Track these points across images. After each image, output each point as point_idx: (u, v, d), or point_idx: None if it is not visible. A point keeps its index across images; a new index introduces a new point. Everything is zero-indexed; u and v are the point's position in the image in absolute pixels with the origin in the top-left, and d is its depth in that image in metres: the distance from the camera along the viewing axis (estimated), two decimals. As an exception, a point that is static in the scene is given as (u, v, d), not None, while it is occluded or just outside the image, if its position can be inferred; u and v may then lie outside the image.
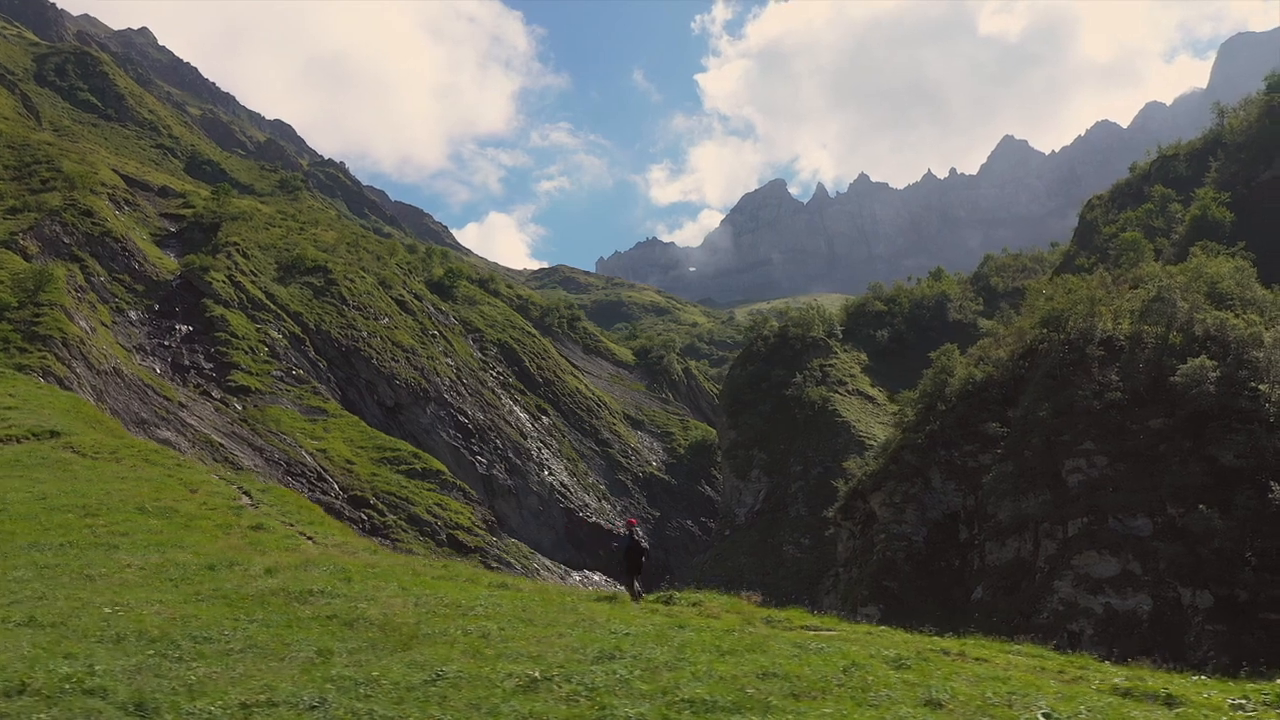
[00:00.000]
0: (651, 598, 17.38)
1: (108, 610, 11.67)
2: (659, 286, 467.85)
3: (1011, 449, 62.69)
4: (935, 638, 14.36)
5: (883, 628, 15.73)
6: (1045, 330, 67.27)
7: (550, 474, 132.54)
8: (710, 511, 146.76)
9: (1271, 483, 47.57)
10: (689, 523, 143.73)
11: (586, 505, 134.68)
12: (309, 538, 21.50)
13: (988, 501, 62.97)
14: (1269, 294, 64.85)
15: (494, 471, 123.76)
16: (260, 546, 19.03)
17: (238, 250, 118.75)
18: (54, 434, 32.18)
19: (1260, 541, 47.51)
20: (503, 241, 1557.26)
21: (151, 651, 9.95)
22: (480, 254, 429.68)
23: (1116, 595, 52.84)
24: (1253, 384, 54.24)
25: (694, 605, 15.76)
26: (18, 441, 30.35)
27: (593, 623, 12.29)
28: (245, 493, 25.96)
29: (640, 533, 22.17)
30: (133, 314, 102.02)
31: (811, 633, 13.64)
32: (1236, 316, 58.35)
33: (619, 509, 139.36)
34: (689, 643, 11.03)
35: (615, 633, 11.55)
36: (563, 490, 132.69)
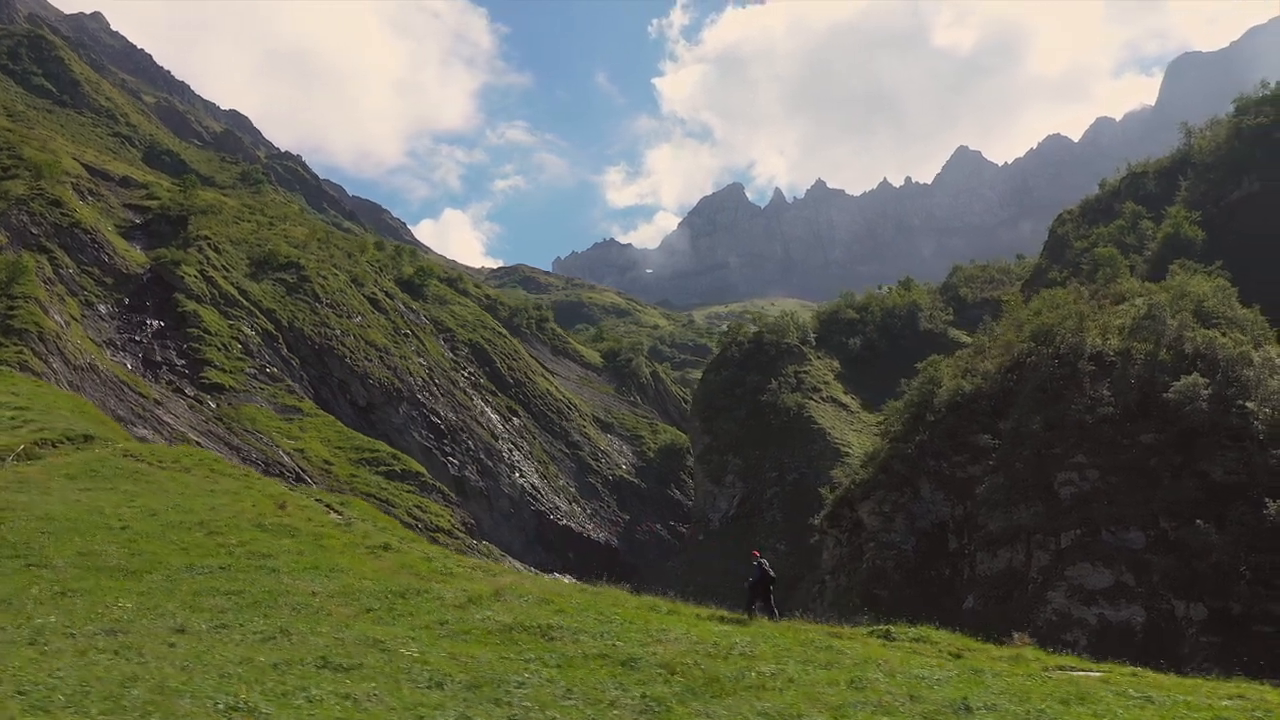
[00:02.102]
0: (865, 630, 17.39)
1: (408, 652, 11.26)
2: (616, 287, 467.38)
3: (1003, 461, 63.65)
4: (1204, 680, 14.50)
5: (1142, 669, 15.79)
6: (1034, 344, 68.36)
7: (521, 476, 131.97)
8: (679, 515, 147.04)
9: (1267, 499, 48.88)
10: (658, 526, 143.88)
11: (557, 508, 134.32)
12: (428, 558, 21.12)
13: (979, 512, 63.85)
14: (1249, 313, 66.57)
15: (466, 473, 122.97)
16: (414, 570, 18.66)
17: (209, 245, 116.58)
18: (87, 438, 31.20)
19: (1254, 556, 48.77)
20: (458, 239, 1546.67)
21: (492, 698, 9.66)
22: (439, 251, 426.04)
23: (1110, 606, 53.93)
24: (1240, 401, 55.67)
25: (916, 641, 15.78)
26: (54, 446, 29.42)
27: (870, 662, 12.25)
28: (329, 506, 25.41)
29: (767, 562, 23.55)
30: (102, 308, 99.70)
31: (1080, 674, 13.74)
32: (1223, 335, 59.85)
33: (589, 511, 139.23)
34: (1024, 692, 11.02)
35: (922, 678, 11.46)
36: (533, 492, 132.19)
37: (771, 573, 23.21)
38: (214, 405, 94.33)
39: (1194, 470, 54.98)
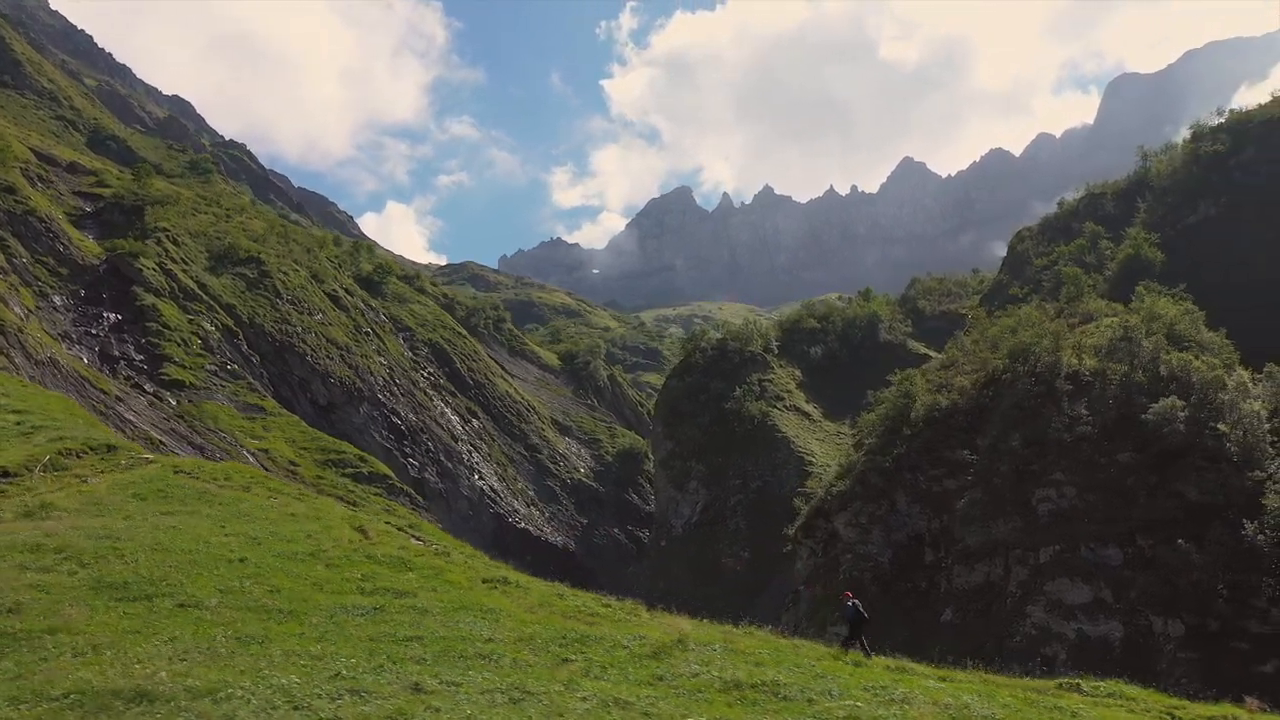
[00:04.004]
0: (1053, 684, 17.52)
1: None
2: (562, 287, 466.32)
3: (981, 476, 64.80)
4: None
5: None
6: (1009, 361, 69.70)
7: (480, 478, 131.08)
8: (637, 520, 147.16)
9: (1245, 520, 50.48)
10: (616, 531, 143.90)
11: (515, 511, 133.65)
12: (559, 595, 20.77)
13: (956, 526, 64.94)
14: (1215, 337, 68.62)
15: (425, 474, 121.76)
16: (554, 608, 18.31)
17: (168, 237, 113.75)
18: (110, 448, 30.14)
19: (1231, 575, 50.34)
20: (400, 233, 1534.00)
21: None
22: (384, 246, 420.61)
23: (1089, 621, 55.23)
24: (1212, 424, 57.41)
25: (1111, 696, 15.94)
26: (78, 456, 28.35)
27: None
28: (400, 530, 24.81)
29: (860, 604, 24.59)
30: (57, 299, 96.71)
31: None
32: (1197, 358, 61.63)
33: (547, 515, 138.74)
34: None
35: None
36: (492, 495, 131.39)
37: (866, 614, 24.46)
38: (174, 402, 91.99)
39: (1169, 490, 56.57)
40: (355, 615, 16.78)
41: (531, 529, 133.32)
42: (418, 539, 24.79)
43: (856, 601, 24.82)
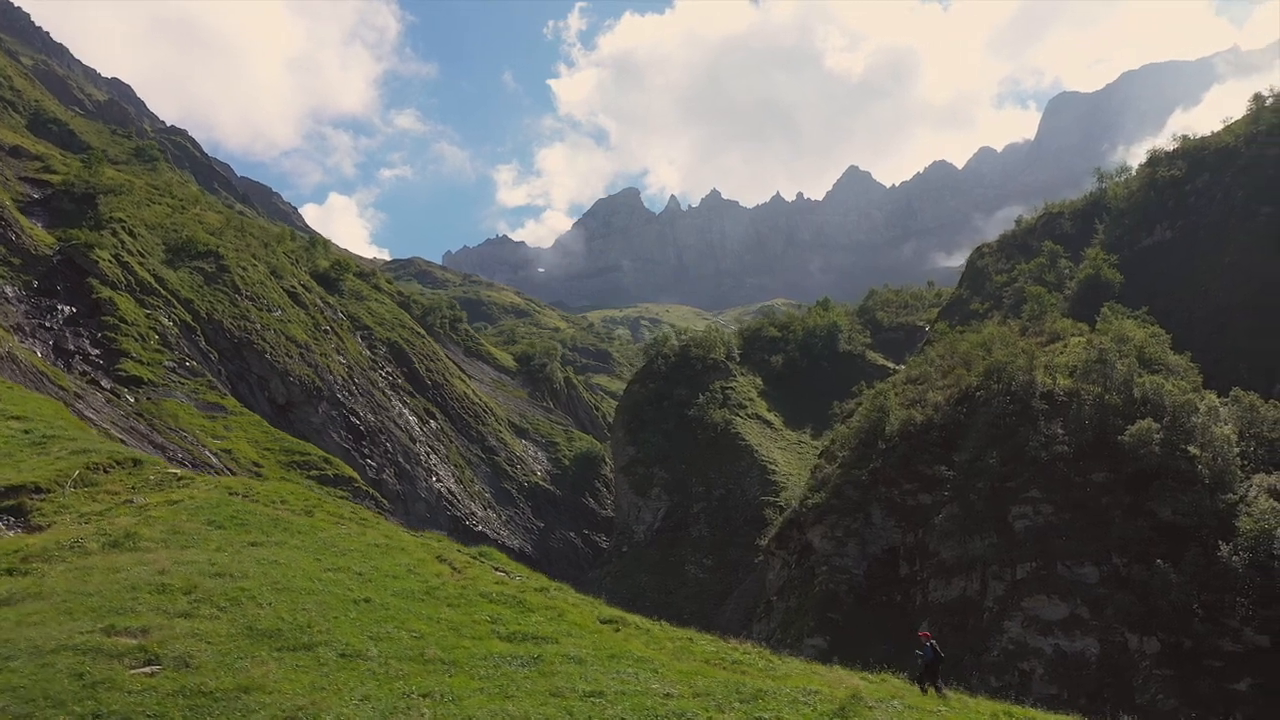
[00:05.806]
0: None
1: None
2: (508, 285, 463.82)
3: (958, 492, 65.86)
4: None
5: None
6: (984, 379, 70.95)
7: (438, 480, 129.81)
8: (594, 524, 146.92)
9: (1219, 541, 52.10)
10: (572, 535, 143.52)
11: (473, 514, 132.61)
12: (689, 639, 20.46)
13: (932, 540, 65.93)
14: (1180, 359, 70.61)
15: (384, 476, 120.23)
16: (694, 655, 18.06)
17: (124, 228, 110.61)
18: (136, 462, 29.11)
19: (1206, 595, 51.92)
20: (342, 225, 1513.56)
21: None
22: (330, 239, 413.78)
23: (1065, 637, 56.49)
24: (1184, 446, 59.12)
25: None
26: (105, 471, 27.31)
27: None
28: (473, 559, 24.22)
29: (936, 643, 25.24)
30: (9, 290, 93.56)
31: None
32: (1167, 381, 63.37)
33: (504, 518, 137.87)
34: None
35: None
36: (450, 498, 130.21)
37: (941, 653, 25.07)
38: (132, 400, 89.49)
39: (1142, 510, 58.12)
40: (516, 666, 16.40)
41: (489, 532, 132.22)
42: (498, 569, 24.37)
43: (934, 642, 25.43)
